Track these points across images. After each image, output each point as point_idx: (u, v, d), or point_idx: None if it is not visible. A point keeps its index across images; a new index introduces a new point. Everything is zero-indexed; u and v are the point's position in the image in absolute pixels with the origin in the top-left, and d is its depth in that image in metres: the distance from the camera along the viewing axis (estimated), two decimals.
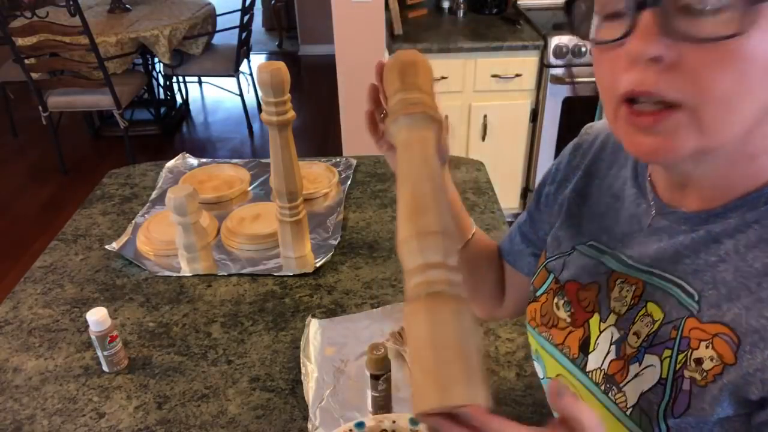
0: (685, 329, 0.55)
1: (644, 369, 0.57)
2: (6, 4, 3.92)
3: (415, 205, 0.53)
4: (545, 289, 0.72)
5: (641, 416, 0.57)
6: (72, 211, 1.49)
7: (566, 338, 0.67)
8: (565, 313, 0.68)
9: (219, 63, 3.78)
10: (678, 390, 0.54)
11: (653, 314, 0.58)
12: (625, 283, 0.62)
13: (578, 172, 0.71)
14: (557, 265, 0.71)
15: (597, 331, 0.63)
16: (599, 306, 0.64)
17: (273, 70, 1.02)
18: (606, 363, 0.61)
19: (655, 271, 0.59)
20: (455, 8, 2.87)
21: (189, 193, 1.11)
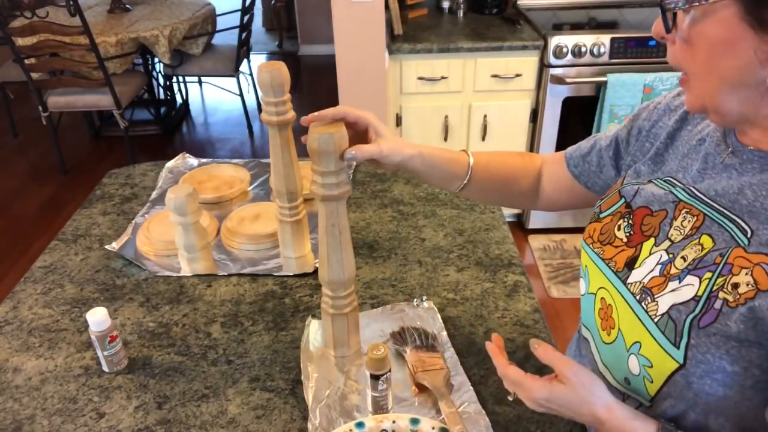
0: (730, 257, 0.62)
1: (683, 286, 0.65)
2: (6, 4, 3.92)
3: None
4: (612, 212, 0.79)
5: (668, 323, 0.65)
6: (72, 211, 1.49)
7: (616, 255, 0.75)
8: (624, 234, 0.76)
9: (219, 63, 3.78)
10: (709, 307, 0.62)
11: (704, 244, 0.65)
12: (689, 214, 0.69)
13: (674, 116, 0.79)
14: (630, 191, 0.78)
15: (647, 253, 0.71)
16: (659, 231, 0.71)
17: (273, 70, 1.02)
18: (647, 278, 0.69)
19: (716, 206, 0.66)
20: (455, 8, 2.87)
21: (189, 193, 1.11)
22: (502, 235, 1.29)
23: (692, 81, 0.64)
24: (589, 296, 0.81)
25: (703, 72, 0.62)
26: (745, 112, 0.62)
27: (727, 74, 0.60)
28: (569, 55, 2.45)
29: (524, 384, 0.70)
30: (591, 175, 0.93)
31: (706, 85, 0.63)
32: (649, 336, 0.67)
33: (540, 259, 2.78)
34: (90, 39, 2.97)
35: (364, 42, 2.28)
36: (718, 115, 0.64)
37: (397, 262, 1.21)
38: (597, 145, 0.91)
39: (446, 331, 1.03)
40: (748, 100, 0.61)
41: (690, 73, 0.64)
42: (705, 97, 0.63)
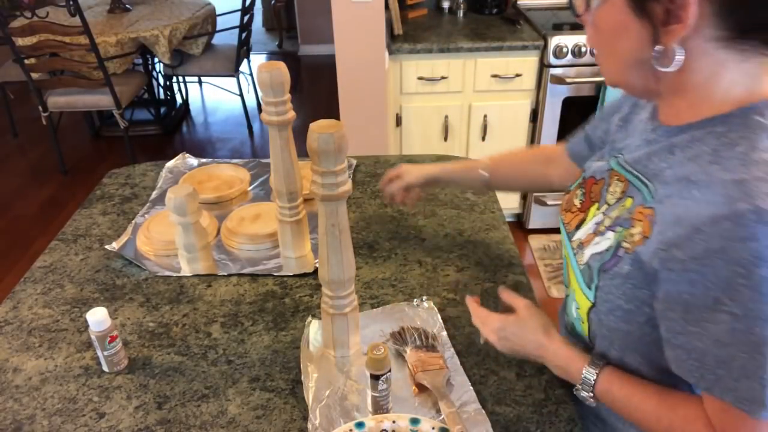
0: (634, 212, 0.73)
1: (603, 240, 0.77)
2: (6, 4, 3.92)
3: None
4: (576, 184, 0.91)
5: (587, 270, 0.78)
6: (72, 211, 1.49)
7: (572, 219, 0.87)
8: (579, 201, 0.88)
9: (219, 63, 3.78)
10: (615, 254, 0.73)
11: (626, 204, 0.76)
12: (618, 180, 0.80)
13: (628, 102, 0.90)
14: (589, 166, 0.91)
15: (592, 215, 0.83)
16: (600, 197, 0.82)
17: (273, 70, 1.02)
18: (584, 235, 0.82)
19: (634, 171, 0.77)
20: (455, 8, 2.87)
21: (189, 193, 1.11)
22: (502, 235, 1.29)
23: (601, 60, 0.74)
24: (564, 259, 0.92)
25: (606, 52, 0.72)
26: (647, 86, 0.71)
27: (623, 54, 0.69)
28: (569, 55, 2.45)
29: (487, 318, 0.88)
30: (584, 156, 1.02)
31: (611, 64, 0.72)
32: (577, 283, 0.80)
33: (540, 259, 2.78)
34: (90, 39, 2.97)
35: (364, 42, 2.28)
36: (627, 90, 0.75)
37: (397, 262, 1.21)
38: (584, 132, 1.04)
39: (446, 331, 1.03)
40: (646, 77, 0.69)
41: (598, 53, 0.73)
42: (613, 74, 0.73)
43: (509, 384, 0.93)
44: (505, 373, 0.95)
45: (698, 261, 0.62)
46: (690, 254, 0.62)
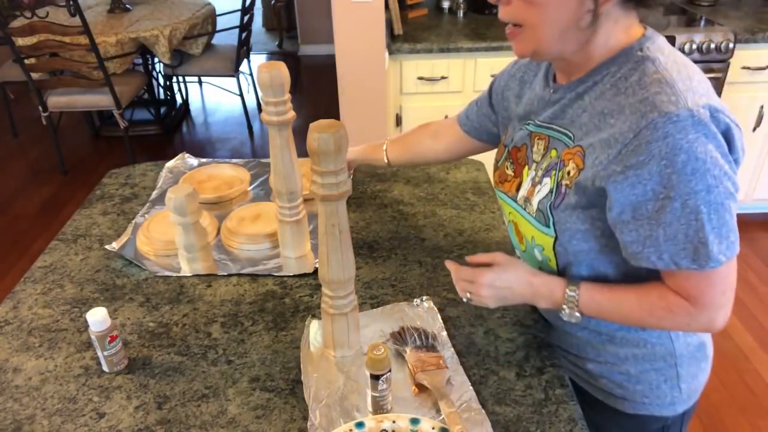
0: (562, 155, 0.87)
1: (543, 187, 0.89)
2: (6, 4, 3.92)
3: None
4: (502, 159, 1.02)
5: (539, 215, 0.89)
6: (72, 211, 1.49)
7: (511, 186, 0.98)
8: (510, 170, 0.99)
9: (219, 63, 3.78)
10: (559, 192, 0.86)
11: (552, 154, 0.89)
12: (539, 139, 0.93)
13: (516, 81, 1.04)
14: (508, 140, 1.02)
15: (526, 176, 0.94)
16: (527, 159, 0.95)
17: (273, 70, 1.02)
18: (525, 191, 0.93)
19: (552, 126, 0.90)
20: (455, 8, 2.87)
21: (189, 193, 1.11)
22: (502, 235, 1.29)
23: (525, 32, 0.81)
24: (509, 225, 1.03)
25: (539, 23, 0.79)
26: (565, 50, 0.82)
27: (559, 23, 0.79)
28: None
29: (476, 274, 0.91)
30: (479, 130, 1.17)
31: (539, 34, 0.80)
32: (534, 229, 0.91)
33: None
34: (90, 39, 2.97)
35: (364, 42, 2.28)
36: (541, 57, 0.85)
37: (397, 262, 1.21)
38: (476, 105, 1.17)
39: (446, 331, 1.03)
40: (567, 42, 0.81)
41: (526, 25, 0.80)
42: (536, 43, 0.81)
43: (509, 384, 0.93)
44: (505, 373, 0.95)
45: (633, 167, 0.76)
46: (625, 164, 0.76)
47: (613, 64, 0.83)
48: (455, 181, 1.49)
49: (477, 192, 1.44)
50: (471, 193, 1.44)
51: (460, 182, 1.48)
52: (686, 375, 0.98)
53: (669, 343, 0.95)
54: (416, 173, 1.53)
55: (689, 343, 0.97)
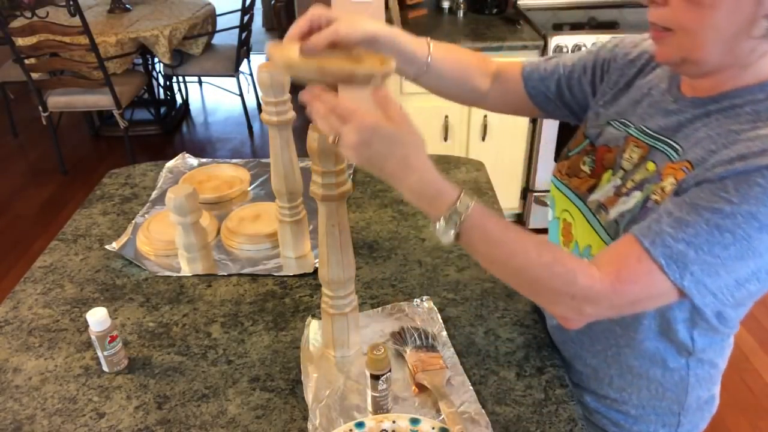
0: (663, 170, 0.77)
1: (630, 199, 0.79)
2: (6, 4, 3.92)
3: None
4: (578, 150, 0.93)
5: (613, 226, 0.80)
6: (72, 211, 1.49)
7: (581, 184, 0.90)
8: (588, 168, 0.90)
9: (219, 63, 3.78)
10: (643, 208, 0.77)
11: (648, 168, 0.79)
12: (636, 146, 0.83)
13: (633, 68, 0.91)
14: (594, 133, 0.92)
15: (606, 181, 0.86)
16: (615, 164, 0.85)
17: (273, 70, 1.02)
18: (603, 197, 0.84)
19: (660, 136, 0.80)
20: (455, 8, 2.87)
21: (189, 193, 1.11)
22: None
23: (679, 37, 0.70)
24: (555, 222, 0.96)
25: (698, 28, 0.68)
26: (719, 63, 0.72)
27: (726, 29, 0.67)
28: None
29: (357, 112, 0.70)
30: (547, 99, 1.01)
31: (696, 41, 0.69)
32: (599, 239, 0.83)
33: None
34: (90, 39, 2.97)
35: None
36: (695, 66, 0.73)
37: (397, 262, 1.21)
38: (557, 73, 0.99)
39: (446, 331, 1.03)
40: (728, 53, 0.70)
41: (681, 29, 0.70)
42: (690, 51, 0.71)
43: (509, 384, 0.93)
44: (505, 373, 0.95)
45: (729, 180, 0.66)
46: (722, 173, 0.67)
47: (761, 91, 0.72)
48: (455, 181, 1.49)
49: (477, 192, 1.44)
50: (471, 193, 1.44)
51: (460, 182, 1.48)
52: (687, 424, 0.94)
53: (682, 392, 0.90)
54: None
55: (700, 396, 0.92)
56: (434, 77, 0.97)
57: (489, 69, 1.04)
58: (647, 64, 0.89)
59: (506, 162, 2.75)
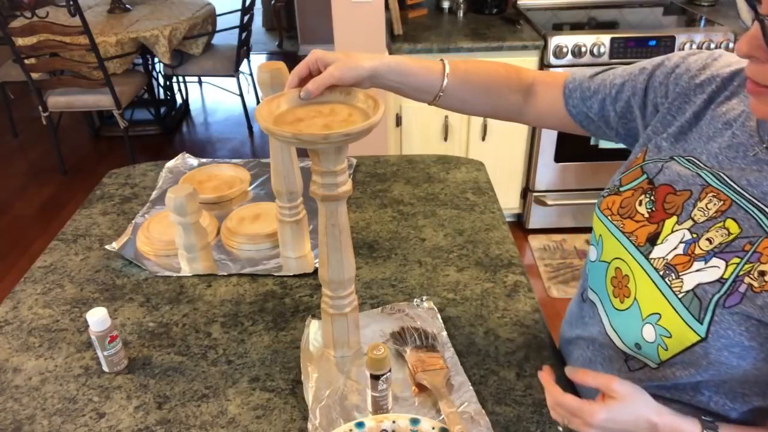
0: (760, 246, 0.66)
1: (709, 267, 0.68)
2: (6, 4, 3.92)
3: None
4: (633, 186, 0.81)
5: (692, 300, 0.69)
6: (72, 211, 1.49)
7: (637, 229, 0.78)
8: (646, 209, 0.78)
9: (219, 63, 3.78)
10: (734, 289, 0.66)
11: (730, 228, 0.69)
12: (716, 198, 0.71)
13: (702, 95, 0.79)
14: (653, 168, 0.80)
15: (669, 230, 0.74)
16: (682, 210, 0.74)
17: (273, 70, 1.02)
18: (671, 255, 0.73)
19: (746, 195, 0.69)
20: (455, 8, 2.87)
21: (189, 193, 1.11)
22: (502, 235, 1.29)
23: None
24: (601, 264, 0.83)
25: None
26: None
27: None
28: (569, 55, 2.45)
29: (584, 409, 0.69)
30: (588, 119, 0.93)
31: None
32: (672, 310, 0.71)
33: (540, 259, 2.78)
34: (90, 39, 2.97)
35: (364, 42, 2.28)
36: None
37: (397, 262, 1.21)
38: (601, 93, 0.90)
39: (446, 331, 1.03)
40: None
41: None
42: None
43: (509, 384, 0.93)
44: (505, 373, 0.95)
45: None
46: None
47: None
48: (455, 181, 1.49)
49: (477, 192, 1.44)
50: (471, 193, 1.44)
51: (460, 182, 1.48)
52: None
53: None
54: (416, 173, 1.53)
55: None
56: (454, 100, 0.93)
57: (523, 83, 0.96)
58: (719, 91, 0.78)
59: (506, 162, 2.75)
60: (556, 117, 0.96)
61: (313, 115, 0.84)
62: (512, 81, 0.96)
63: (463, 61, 0.94)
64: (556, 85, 0.95)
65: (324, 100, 0.87)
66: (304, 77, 0.85)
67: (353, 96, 0.86)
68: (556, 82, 0.95)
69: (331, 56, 0.85)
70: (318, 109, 0.85)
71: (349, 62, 0.84)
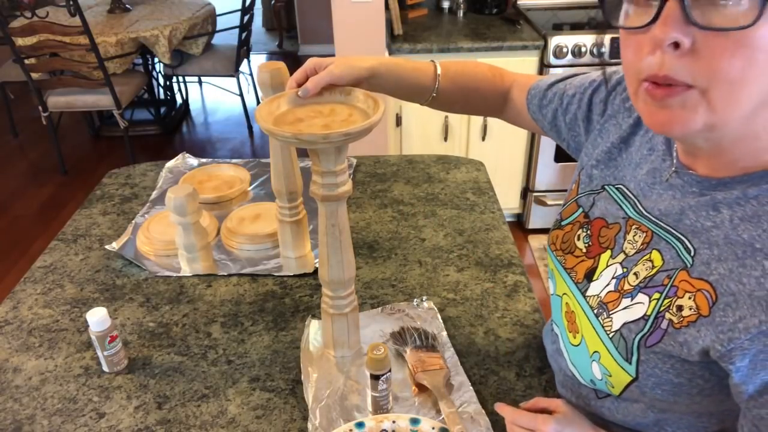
0: (676, 279, 0.63)
1: (634, 304, 0.66)
2: (6, 4, 3.92)
3: None
4: (572, 220, 0.81)
5: (620, 340, 0.67)
6: (72, 211, 1.49)
7: (576, 265, 0.77)
8: (584, 244, 0.77)
9: (219, 63, 3.78)
10: (656, 326, 0.64)
11: (654, 261, 0.66)
12: (638, 230, 0.70)
13: (629, 119, 0.77)
14: (587, 202, 0.79)
15: (604, 264, 0.73)
16: (615, 244, 0.72)
17: (273, 70, 1.02)
18: (604, 292, 0.71)
19: (662, 224, 0.67)
20: (455, 8, 2.87)
21: (189, 193, 1.11)
22: (502, 235, 1.29)
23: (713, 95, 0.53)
24: (556, 298, 0.83)
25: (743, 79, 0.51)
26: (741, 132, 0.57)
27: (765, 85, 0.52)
28: (569, 55, 2.45)
29: (537, 418, 0.75)
30: (545, 126, 0.94)
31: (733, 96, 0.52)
32: (605, 349, 0.70)
33: (540, 259, 2.78)
34: (90, 39, 2.97)
35: (364, 42, 2.28)
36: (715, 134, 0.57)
37: (397, 262, 1.21)
38: (555, 103, 0.90)
39: (446, 331, 1.03)
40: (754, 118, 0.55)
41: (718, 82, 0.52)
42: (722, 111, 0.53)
43: (509, 384, 0.93)
44: (505, 373, 0.95)
45: None
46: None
47: None
48: (455, 181, 1.49)
49: (477, 192, 1.44)
50: (471, 193, 1.44)
51: (460, 182, 1.48)
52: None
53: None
54: (416, 173, 1.53)
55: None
56: (444, 101, 0.96)
57: (504, 85, 0.98)
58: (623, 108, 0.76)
59: (506, 162, 2.75)
60: (526, 120, 0.97)
61: (313, 115, 0.84)
62: (496, 83, 0.98)
63: (453, 63, 0.95)
64: (523, 91, 0.96)
65: (324, 100, 0.87)
66: (302, 83, 0.86)
67: (353, 96, 0.86)
68: (524, 87, 0.96)
69: (329, 60, 0.87)
70: (318, 109, 0.85)
71: (347, 62, 0.86)
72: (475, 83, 0.97)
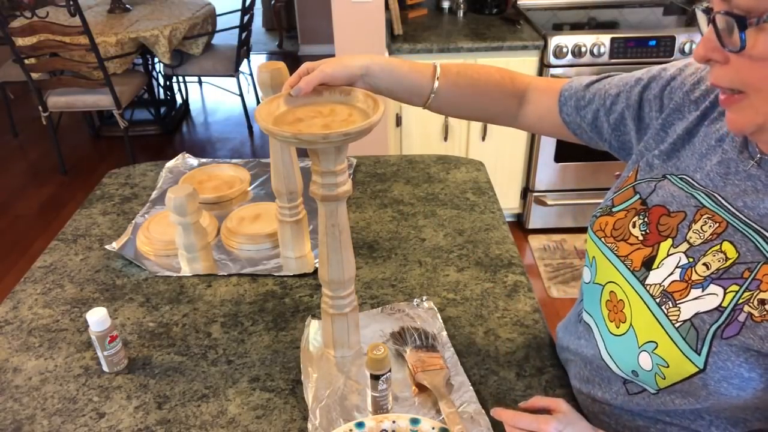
0: (759, 272, 0.63)
1: (706, 295, 0.66)
2: (6, 4, 3.92)
3: None
4: (626, 207, 0.79)
5: (689, 330, 0.66)
6: (72, 211, 1.49)
7: (632, 253, 0.75)
8: (640, 232, 0.75)
9: (219, 63, 3.78)
10: (733, 318, 0.63)
11: (727, 252, 0.66)
12: (711, 219, 0.69)
13: (695, 111, 0.77)
14: (646, 189, 0.78)
15: (665, 254, 0.71)
16: (677, 233, 0.71)
17: (273, 70, 1.02)
18: (667, 281, 0.70)
19: (742, 217, 0.66)
20: (455, 8, 2.87)
21: (189, 193, 1.11)
22: (502, 235, 1.29)
23: (751, 99, 0.60)
24: (596, 286, 0.80)
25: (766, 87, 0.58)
26: None
27: None
28: (569, 55, 2.45)
29: (539, 419, 0.74)
30: (582, 129, 0.92)
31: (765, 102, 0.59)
32: (668, 339, 0.68)
33: (540, 259, 2.78)
34: (90, 39, 2.97)
35: (364, 42, 2.28)
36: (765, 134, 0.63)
37: (397, 262, 1.21)
38: (596, 103, 0.88)
39: (446, 331, 1.03)
40: None
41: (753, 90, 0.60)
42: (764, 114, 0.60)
43: (509, 384, 0.93)
44: (505, 373, 0.95)
45: None
46: None
47: None
48: (455, 181, 1.49)
49: (477, 192, 1.44)
50: (471, 193, 1.44)
51: (460, 182, 1.48)
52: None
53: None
54: (416, 173, 1.53)
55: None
56: (446, 104, 0.93)
57: (517, 88, 0.95)
58: (713, 107, 0.75)
59: (506, 162, 2.75)
60: (550, 124, 0.95)
61: (313, 115, 0.84)
62: (506, 86, 0.95)
63: (456, 65, 0.93)
64: (552, 92, 0.94)
65: (324, 100, 0.87)
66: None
67: (353, 96, 0.86)
68: (551, 89, 0.94)
69: (322, 60, 0.87)
70: (318, 109, 0.85)
71: (340, 61, 0.86)
72: (482, 85, 0.94)
